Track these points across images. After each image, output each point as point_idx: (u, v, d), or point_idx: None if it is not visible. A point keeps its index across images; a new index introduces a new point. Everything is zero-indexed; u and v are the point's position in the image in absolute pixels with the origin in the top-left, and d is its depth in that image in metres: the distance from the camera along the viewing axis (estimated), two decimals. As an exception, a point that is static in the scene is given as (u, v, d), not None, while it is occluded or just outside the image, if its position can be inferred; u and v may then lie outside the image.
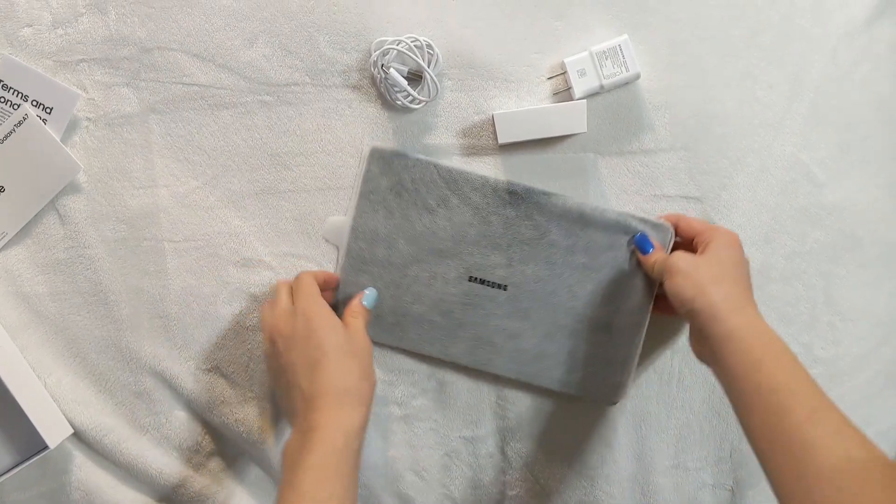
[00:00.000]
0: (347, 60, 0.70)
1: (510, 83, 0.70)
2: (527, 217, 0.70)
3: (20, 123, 0.68)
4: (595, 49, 0.67)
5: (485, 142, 0.71)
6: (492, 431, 0.76)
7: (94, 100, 0.70)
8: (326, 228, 0.72)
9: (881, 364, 0.75)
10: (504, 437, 0.76)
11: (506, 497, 0.77)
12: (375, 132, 0.71)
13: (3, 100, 0.69)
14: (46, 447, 0.68)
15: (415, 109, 0.70)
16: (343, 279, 0.71)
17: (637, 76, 0.68)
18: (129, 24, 0.69)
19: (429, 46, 0.68)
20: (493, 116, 0.68)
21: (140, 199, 0.71)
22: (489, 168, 0.71)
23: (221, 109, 0.70)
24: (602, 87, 0.68)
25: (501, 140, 0.68)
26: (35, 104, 0.69)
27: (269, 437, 0.74)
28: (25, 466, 0.69)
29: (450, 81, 0.70)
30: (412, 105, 0.68)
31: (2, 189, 0.70)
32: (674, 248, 0.70)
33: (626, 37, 0.67)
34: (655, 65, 0.70)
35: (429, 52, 0.68)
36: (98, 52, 0.69)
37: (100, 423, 0.73)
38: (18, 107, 0.69)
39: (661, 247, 0.69)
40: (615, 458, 0.76)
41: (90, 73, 0.70)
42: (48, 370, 0.72)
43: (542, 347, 0.72)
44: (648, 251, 0.68)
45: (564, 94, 0.70)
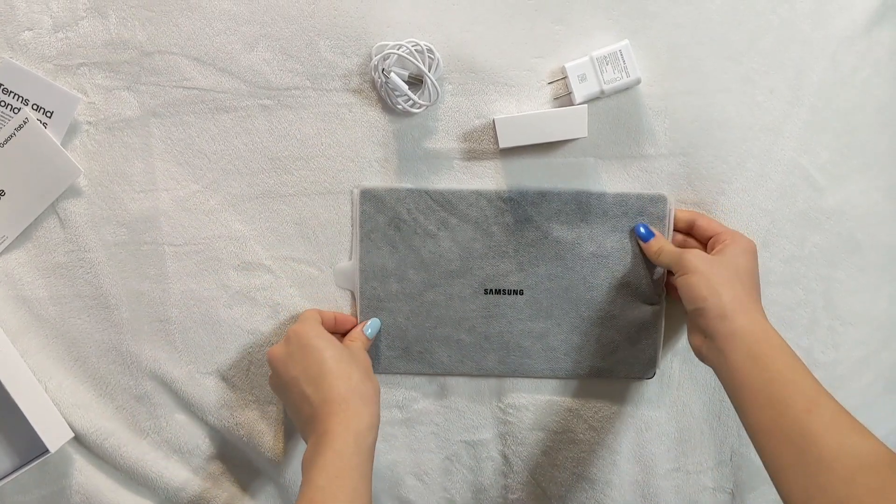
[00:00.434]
0: (348, 64, 0.70)
1: (511, 88, 0.70)
2: (526, 220, 0.71)
3: (20, 127, 0.68)
4: (596, 54, 0.67)
5: (485, 146, 0.71)
6: (493, 435, 0.76)
7: (95, 103, 0.70)
8: (337, 275, 0.73)
9: (881, 368, 0.75)
10: (505, 441, 0.76)
11: (507, 501, 0.77)
12: (376, 136, 0.71)
13: (4, 104, 0.69)
14: (47, 451, 0.68)
15: (415, 114, 0.70)
16: (363, 321, 0.72)
17: (637, 81, 0.68)
18: (130, 28, 0.69)
19: (429, 51, 0.68)
20: (494, 121, 0.68)
21: (140, 203, 0.71)
22: (490, 172, 0.71)
23: (222, 113, 0.70)
24: (602, 93, 0.68)
25: (502, 145, 0.68)
26: (35, 108, 0.69)
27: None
28: (26, 470, 0.69)
29: (450, 86, 0.70)
30: (413, 109, 0.68)
31: (2, 193, 0.70)
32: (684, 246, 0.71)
33: (627, 42, 0.67)
34: (655, 69, 0.70)
35: (429, 57, 0.68)
36: (98, 56, 0.69)
37: (100, 427, 0.73)
38: (19, 111, 0.69)
39: (662, 234, 0.70)
40: (616, 462, 0.76)
41: (90, 77, 0.70)
42: (48, 374, 0.72)
43: (571, 342, 0.73)
44: (649, 240, 0.70)
45: (565, 99, 0.70)
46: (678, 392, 0.75)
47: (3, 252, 0.71)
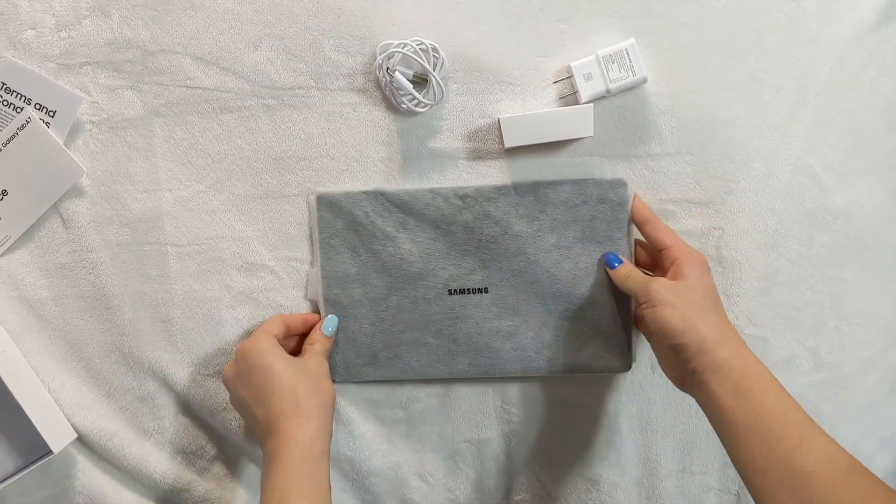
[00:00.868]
0: (352, 64, 0.69)
1: (516, 87, 0.70)
2: (485, 216, 0.70)
3: (23, 127, 0.68)
4: (601, 53, 0.67)
5: (490, 146, 0.71)
6: (497, 435, 0.76)
7: (98, 103, 0.70)
8: (308, 287, 0.73)
9: (887, 368, 0.75)
10: (509, 441, 0.76)
11: (511, 501, 0.77)
12: (380, 136, 0.70)
13: (6, 103, 0.68)
14: (50, 452, 0.68)
15: (420, 113, 0.69)
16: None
17: (644, 80, 0.68)
18: (133, 27, 0.69)
19: (434, 50, 0.67)
20: (500, 120, 0.68)
21: (143, 203, 0.71)
22: (495, 171, 0.71)
23: (225, 113, 0.70)
24: (608, 92, 0.67)
25: (507, 144, 0.68)
26: (38, 107, 0.68)
27: None
28: (29, 471, 0.69)
29: (455, 85, 0.70)
30: (417, 108, 0.68)
31: (5, 193, 0.69)
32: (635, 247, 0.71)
33: (633, 41, 0.67)
34: (661, 68, 0.70)
35: (434, 56, 0.68)
36: (101, 55, 0.69)
37: (103, 428, 0.73)
38: (21, 110, 0.68)
39: (629, 261, 0.70)
40: (620, 462, 0.76)
41: (93, 77, 0.69)
42: (51, 375, 0.72)
43: (541, 338, 0.72)
44: (615, 266, 0.69)
45: (570, 98, 0.70)
46: (683, 393, 0.75)
47: (6, 252, 0.71)
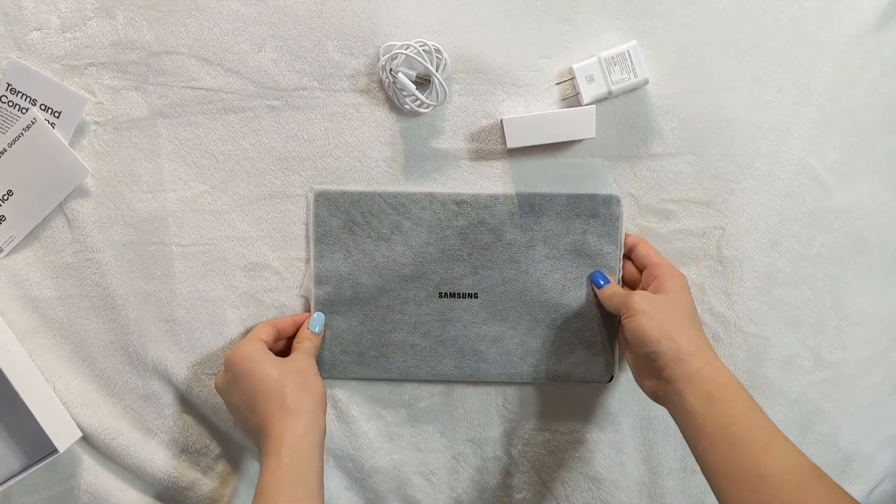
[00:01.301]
0: (355, 65, 0.70)
1: (518, 88, 0.70)
2: (480, 223, 0.71)
3: (28, 127, 0.68)
4: (603, 55, 0.67)
5: (493, 146, 0.71)
6: (499, 434, 0.76)
7: (103, 104, 0.70)
8: (303, 284, 0.73)
9: (889, 368, 0.75)
10: (511, 440, 0.76)
11: (513, 500, 0.77)
12: (383, 136, 0.71)
13: (12, 104, 0.69)
14: (55, 451, 0.68)
15: (423, 114, 0.70)
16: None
17: (645, 82, 0.68)
18: (138, 28, 0.69)
19: (437, 51, 0.68)
20: (502, 121, 0.68)
21: (148, 203, 0.71)
22: (498, 172, 0.71)
23: (229, 114, 0.70)
24: (610, 93, 0.68)
25: (510, 145, 0.68)
26: (43, 108, 0.69)
27: None
28: (35, 470, 0.69)
29: (458, 86, 0.70)
30: (420, 109, 0.68)
31: (10, 193, 0.70)
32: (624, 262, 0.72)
33: (635, 42, 0.67)
34: (663, 69, 0.70)
35: (437, 57, 0.68)
36: (106, 56, 0.69)
37: (108, 427, 0.73)
38: (27, 111, 0.69)
39: (615, 278, 0.71)
40: (622, 462, 0.76)
41: (98, 77, 0.70)
42: (57, 374, 0.73)
43: (527, 345, 0.73)
44: (602, 286, 0.70)
45: (573, 100, 0.70)
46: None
47: (11, 252, 0.72)
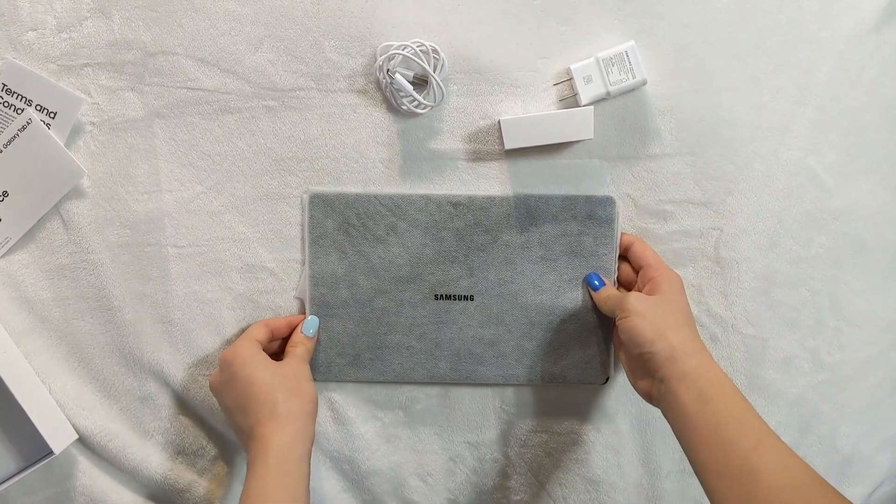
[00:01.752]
0: (353, 65, 0.69)
1: (516, 88, 0.70)
2: (476, 224, 0.71)
3: (24, 128, 0.68)
4: (601, 55, 0.67)
5: (491, 147, 0.71)
6: (496, 436, 0.76)
7: (99, 104, 0.70)
8: (298, 285, 0.73)
9: (888, 370, 0.75)
10: (508, 442, 0.76)
11: (510, 502, 0.77)
12: (381, 137, 0.70)
13: (7, 104, 0.68)
14: (51, 452, 0.68)
15: (420, 114, 0.69)
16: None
17: (643, 82, 0.67)
18: (134, 29, 0.69)
19: (434, 51, 0.67)
20: (500, 122, 0.68)
21: (144, 205, 0.71)
22: (495, 173, 0.71)
23: (226, 114, 0.70)
24: (608, 94, 0.67)
25: (508, 146, 0.68)
26: (39, 109, 0.68)
27: None
28: (31, 472, 0.69)
29: (456, 86, 0.70)
30: (418, 110, 0.68)
31: (5, 194, 0.69)
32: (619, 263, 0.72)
33: (633, 43, 0.67)
34: (661, 69, 0.70)
35: (434, 57, 0.68)
36: (102, 57, 0.69)
37: (104, 429, 0.73)
38: (22, 111, 0.68)
39: (611, 279, 0.71)
40: (620, 464, 0.76)
41: (94, 78, 0.69)
42: (53, 375, 0.72)
43: (523, 347, 0.73)
44: (598, 288, 0.70)
45: (570, 100, 0.70)
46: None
47: (7, 253, 0.71)
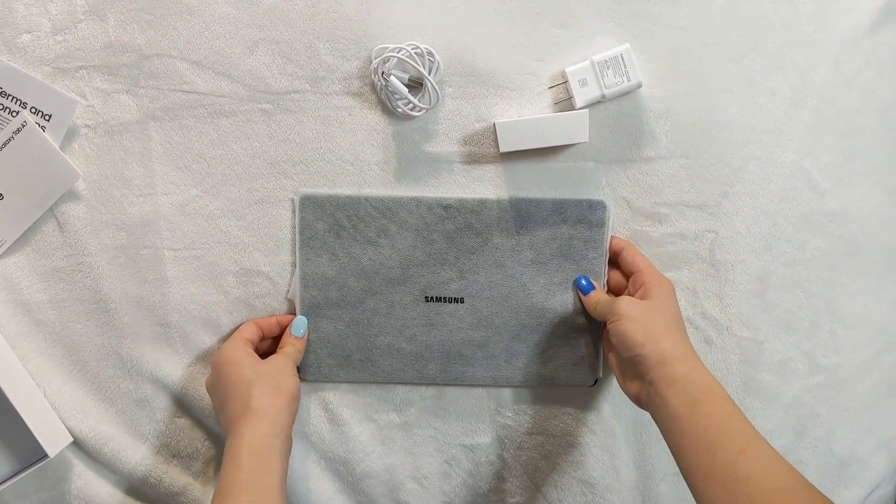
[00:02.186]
0: (348, 68, 0.69)
1: (511, 91, 0.70)
2: (466, 227, 0.71)
3: (19, 131, 0.68)
4: (597, 58, 0.67)
5: (486, 150, 0.71)
6: (492, 438, 0.76)
7: (94, 107, 0.70)
8: (290, 286, 0.73)
9: (883, 372, 0.75)
10: (504, 444, 0.76)
11: (506, 504, 0.77)
12: (376, 140, 0.70)
13: (2, 107, 0.68)
14: (46, 456, 0.67)
15: (415, 117, 0.69)
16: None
17: (639, 85, 0.67)
18: (129, 31, 0.69)
19: (429, 54, 0.67)
20: (495, 125, 0.68)
21: (139, 207, 0.71)
22: (491, 176, 0.71)
23: (221, 117, 0.70)
24: (604, 97, 0.67)
25: (503, 149, 0.68)
26: (34, 111, 0.68)
27: None
28: (25, 475, 0.69)
29: (451, 89, 0.70)
30: (413, 113, 0.68)
31: (1, 196, 0.69)
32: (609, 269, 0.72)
33: (628, 46, 0.67)
34: (656, 72, 0.70)
35: (430, 60, 0.68)
36: (97, 59, 0.69)
37: (99, 432, 0.73)
38: (17, 114, 0.68)
39: (601, 287, 0.71)
40: (616, 466, 0.76)
41: (89, 80, 0.69)
42: (48, 378, 0.72)
43: (512, 349, 0.73)
44: (589, 292, 0.70)
45: (566, 104, 0.70)
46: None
47: (2, 256, 0.71)
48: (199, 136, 0.70)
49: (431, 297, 0.72)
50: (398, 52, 0.66)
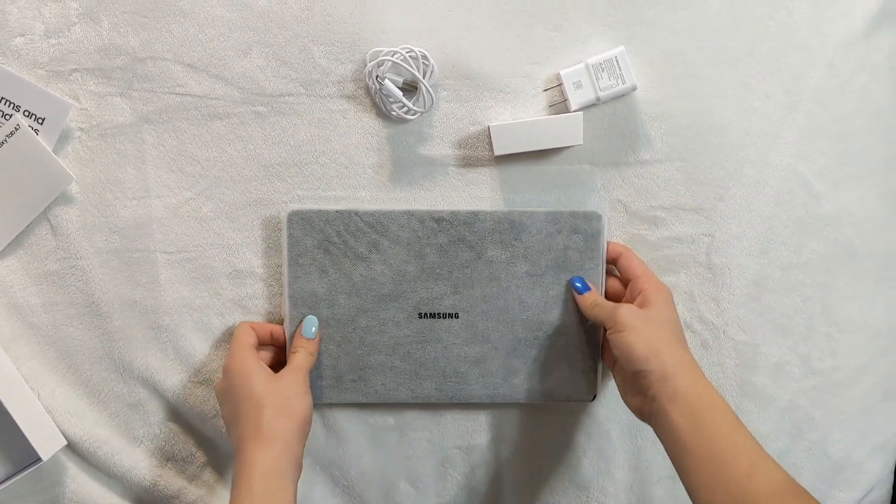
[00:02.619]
0: (342, 71, 0.69)
1: (506, 94, 0.70)
2: (459, 240, 0.70)
3: (12, 134, 0.68)
4: (591, 61, 0.67)
5: (480, 153, 0.71)
6: (486, 441, 0.76)
7: (87, 110, 0.69)
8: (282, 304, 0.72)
9: (879, 376, 0.75)
10: (499, 447, 0.76)
11: (501, 508, 0.77)
12: (370, 143, 0.70)
13: (-5, 110, 0.68)
14: (39, 459, 0.67)
15: (410, 120, 0.69)
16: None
17: (633, 88, 0.67)
18: (122, 34, 0.68)
19: (424, 57, 0.67)
20: (490, 128, 0.68)
21: (133, 210, 0.71)
22: (485, 179, 0.71)
23: (215, 120, 0.70)
24: (598, 100, 0.67)
25: (497, 152, 0.68)
26: (27, 114, 0.68)
27: None
28: (19, 478, 0.69)
29: (445, 92, 0.70)
30: (407, 116, 0.68)
31: (-6, 199, 0.69)
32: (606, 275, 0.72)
33: (623, 48, 0.67)
34: (652, 75, 0.70)
35: (424, 63, 0.67)
36: (91, 62, 0.69)
37: (93, 435, 0.72)
38: (10, 117, 0.68)
39: (596, 289, 0.70)
40: (610, 469, 0.76)
41: (83, 83, 0.69)
42: (41, 382, 0.72)
43: (509, 365, 0.72)
44: (584, 293, 0.69)
45: (560, 106, 0.70)
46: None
47: (-5, 259, 0.71)
48: (193, 139, 0.70)
49: (425, 314, 0.71)
50: (392, 56, 0.66)
